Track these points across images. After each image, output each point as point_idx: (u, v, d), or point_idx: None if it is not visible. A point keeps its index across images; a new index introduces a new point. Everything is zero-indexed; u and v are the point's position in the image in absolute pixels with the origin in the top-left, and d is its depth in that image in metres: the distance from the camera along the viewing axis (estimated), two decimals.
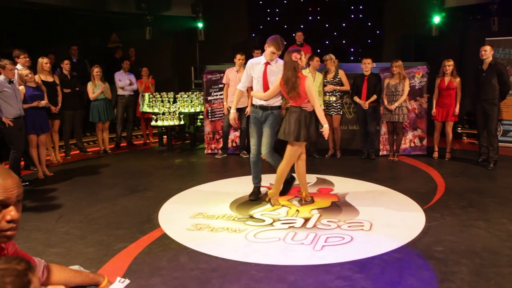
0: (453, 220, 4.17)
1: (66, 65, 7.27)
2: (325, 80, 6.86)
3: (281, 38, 4.51)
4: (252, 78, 4.70)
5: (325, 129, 4.39)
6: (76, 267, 1.91)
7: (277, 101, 4.62)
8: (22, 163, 6.40)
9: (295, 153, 4.50)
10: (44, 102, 6.01)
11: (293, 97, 4.35)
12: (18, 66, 6.19)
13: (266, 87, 4.57)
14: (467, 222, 4.09)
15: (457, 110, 6.64)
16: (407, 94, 6.62)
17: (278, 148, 5.08)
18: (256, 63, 4.65)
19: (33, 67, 6.38)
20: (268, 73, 4.56)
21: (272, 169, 4.85)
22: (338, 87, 6.86)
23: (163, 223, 4.17)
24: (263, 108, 4.62)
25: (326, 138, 4.52)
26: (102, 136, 7.75)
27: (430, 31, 9.39)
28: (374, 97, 6.76)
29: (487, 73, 6.16)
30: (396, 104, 6.61)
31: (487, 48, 6.18)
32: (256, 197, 4.88)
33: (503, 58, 7.86)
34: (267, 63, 4.56)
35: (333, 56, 6.89)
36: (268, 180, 5.32)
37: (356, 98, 6.90)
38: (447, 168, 6.35)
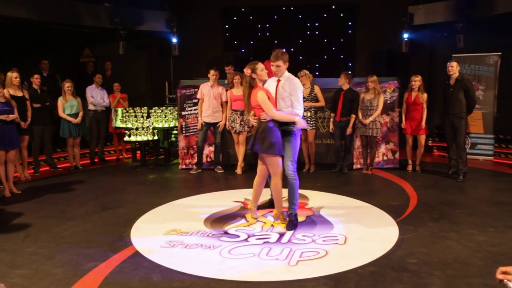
0: (425, 232, 4.23)
1: (36, 80, 7.11)
2: None
3: (281, 51, 4.42)
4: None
5: (297, 121, 4.31)
6: None
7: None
8: None
9: (276, 166, 4.36)
10: (12, 116, 5.82)
11: (249, 110, 4.45)
12: None
13: (274, 104, 4.39)
14: (439, 234, 4.16)
15: (423, 124, 6.81)
16: (381, 108, 6.76)
17: None
18: (271, 81, 4.52)
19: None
20: (279, 89, 4.41)
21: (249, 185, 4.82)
22: (314, 104, 6.94)
23: (135, 240, 4.07)
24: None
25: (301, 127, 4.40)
26: (73, 152, 7.57)
27: (400, 47, 9.68)
28: (352, 117, 6.84)
29: (454, 88, 6.36)
30: (371, 118, 6.73)
31: (454, 64, 6.40)
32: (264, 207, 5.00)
33: (469, 74, 8.16)
34: (278, 80, 4.44)
35: (307, 72, 6.97)
36: (243, 195, 5.28)
37: (332, 116, 7.01)
38: (419, 180, 6.47)
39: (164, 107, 8.10)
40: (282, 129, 4.36)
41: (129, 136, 7.70)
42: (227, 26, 11.28)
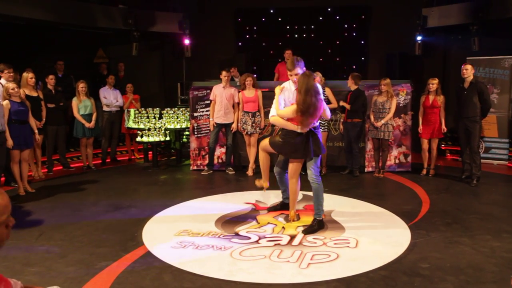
0: (438, 236, 4.19)
1: (50, 80, 7.20)
2: None
3: (297, 58, 4.34)
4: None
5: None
6: (54, 287, 1.85)
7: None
8: (3, 179, 6.27)
9: (296, 169, 4.43)
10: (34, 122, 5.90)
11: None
12: (2, 81, 6.12)
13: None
14: (452, 239, 4.11)
15: (443, 127, 6.75)
16: (393, 112, 6.71)
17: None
18: (287, 90, 4.44)
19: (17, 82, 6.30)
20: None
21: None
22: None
23: (147, 240, 4.10)
24: None
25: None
26: (86, 152, 7.65)
27: (413, 50, 9.60)
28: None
29: (469, 91, 6.29)
30: (383, 121, 6.69)
31: (468, 67, 6.33)
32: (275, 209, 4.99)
33: (483, 77, 8.06)
34: (297, 88, 4.30)
35: (320, 74, 6.96)
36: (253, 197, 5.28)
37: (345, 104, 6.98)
38: (432, 184, 6.41)
39: (176, 108, 8.15)
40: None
41: (141, 136, 7.76)
42: (239, 28, 11.31)
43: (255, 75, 7.54)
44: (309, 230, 4.31)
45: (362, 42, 10.99)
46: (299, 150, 4.31)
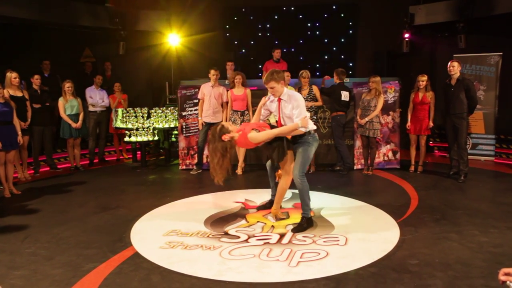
0: (426, 233, 4.21)
1: (36, 80, 7.10)
2: None
3: (275, 71, 4.28)
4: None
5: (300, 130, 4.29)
6: None
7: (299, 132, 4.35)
8: None
9: (289, 169, 4.45)
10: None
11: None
12: None
13: (280, 123, 4.41)
14: (440, 235, 4.14)
15: (430, 123, 6.80)
16: (379, 110, 6.73)
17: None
18: (271, 101, 4.46)
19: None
20: (282, 108, 4.35)
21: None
22: (313, 103, 6.93)
23: (135, 241, 4.05)
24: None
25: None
26: (73, 153, 7.56)
27: (401, 47, 9.65)
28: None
29: (456, 88, 6.34)
30: (366, 119, 6.71)
31: (455, 64, 6.38)
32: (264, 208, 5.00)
33: (470, 74, 8.14)
34: (279, 99, 4.32)
35: (308, 73, 6.99)
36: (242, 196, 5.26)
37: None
38: (420, 181, 6.45)
39: (164, 108, 8.09)
40: (297, 140, 4.36)
41: (130, 136, 7.69)
42: (227, 26, 11.27)
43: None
44: (299, 228, 4.30)
45: (350, 39, 11.01)
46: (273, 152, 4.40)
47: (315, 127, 4.41)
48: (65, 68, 9.38)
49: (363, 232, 4.22)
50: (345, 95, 6.89)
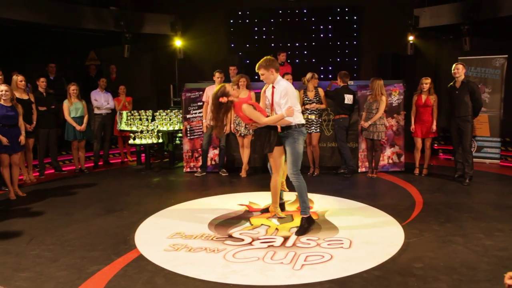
0: (431, 236, 4.19)
1: (42, 83, 7.14)
2: (306, 99, 6.93)
3: (266, 58, 4.43)
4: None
5: (286, 120, 4.36)
6: None
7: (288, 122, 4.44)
8: None
9: (279, 164, 4.54)
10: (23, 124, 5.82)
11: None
12: None
13: (272, 110, 4.53)
14: (445, 238, 4.12)
15: (434, 127, 6.77)
16: (381, 112, 6.70)
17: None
18: (268, 88, 4.59)
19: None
20: (274, 96, 4.46)
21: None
22: (318, 106, 6.93)
23: (139, 244, 4.06)
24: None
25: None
26: (78, 155, 7.59)
27: (405, 50, 9.64)
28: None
29: (460, 91, 6.32)
30: (370, 122, 6.70)
31: (460, 66, 6.36)
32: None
33: (475, 77, 8.10)
34: (273, 86, 4.47)
35: (315, 75, 7.01)
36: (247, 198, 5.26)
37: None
38: (425, 184, 6.42)
39: (168, 110, 8.11)
40: (284, 133, 4.45)
41: (134, 139, 7.71)
42: (232, 29, 11.30)
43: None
44: (301, 230, 4.31)
45: (355, 42, 11.01)
46: (260, 144, 4.55)
47: (303, 122, 4.49)
48: (70, 71, 9.44)
49: (368, 235, 4.21)
50: (348, 98, 6.88)
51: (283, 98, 4.33)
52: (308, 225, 4.36)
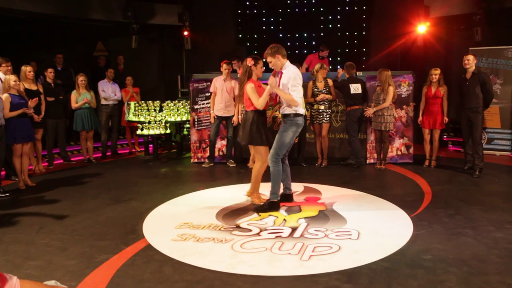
0: (440, 228, 4.16)
1: (50, 74, 7.16)
2: (316, 89, 6.88)
3: (272, 46, 4.59)
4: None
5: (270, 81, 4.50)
6: (52, 282, 1.83)
7: (286, 110, 4.63)
8: (3, 173, 6.25)
9: (262, 154, 4.77)
10: (30, 108, 5.87)
11: (241, 101, 4.84)
12: (0, 75, 6.08)
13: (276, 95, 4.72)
14: (455, 230, 4.08)
15: (445, 118, 6.70)
16: (389, 102, 6.62)
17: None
18: (276, 74, 4.76)
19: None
20: (282, 81, 4.60)
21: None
22: (328, 96, 6.88)
23: (147, 233, 4.08)
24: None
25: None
26: (86, 145, 7.62)
27: (415, 40, 9.51)
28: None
29: (471, 82, 6.23)
30: (371, 110, 6.66)
31: (470, 57, 6.26)
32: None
33: (486, 68, 7.98)
34: (281, 72, 4.64)
35: (325, 65, 6.97)
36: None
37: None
38: (434, 176, 6.37)
39: (176, 101, 8.11)
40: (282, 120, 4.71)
41: (142, 129, 7.73)
42: (239, 20, 11.22)
43: None
44: (259, 208, 4.62)
45: (364, 33, 10.90)
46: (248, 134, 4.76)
47: (301, 112, 4.59)
48: (78, 62, 9.46)
49: (376, 227, 4.19)
50: (355, 88, 6.81)
51: (289, 82, 4.46)
52: (268, 208, 4.63)
